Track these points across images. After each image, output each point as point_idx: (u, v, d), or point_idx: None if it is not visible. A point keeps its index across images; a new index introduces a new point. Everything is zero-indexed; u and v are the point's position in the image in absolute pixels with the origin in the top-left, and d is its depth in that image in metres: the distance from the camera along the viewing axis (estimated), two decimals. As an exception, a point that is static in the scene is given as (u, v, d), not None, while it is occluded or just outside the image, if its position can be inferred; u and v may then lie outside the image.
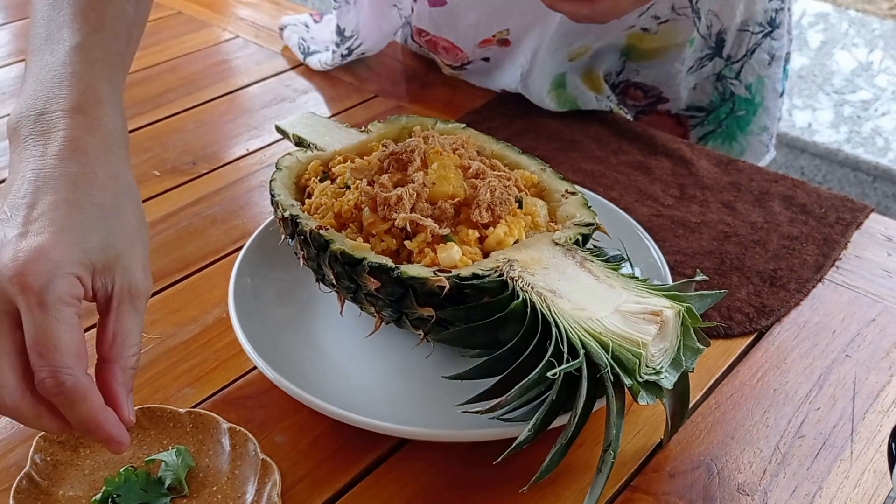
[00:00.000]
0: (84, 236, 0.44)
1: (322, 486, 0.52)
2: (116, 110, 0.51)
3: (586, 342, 0.47)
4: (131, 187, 0.49)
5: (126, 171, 0.49)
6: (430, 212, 0.55)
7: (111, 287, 0.46)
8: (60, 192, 0.45)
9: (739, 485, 0.52)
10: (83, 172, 0.46)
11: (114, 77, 0.52)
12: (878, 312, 0.65)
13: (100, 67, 0.51)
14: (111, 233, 0.46)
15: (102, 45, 0.52)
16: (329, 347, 0.59)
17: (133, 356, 0.46)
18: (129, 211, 0.48)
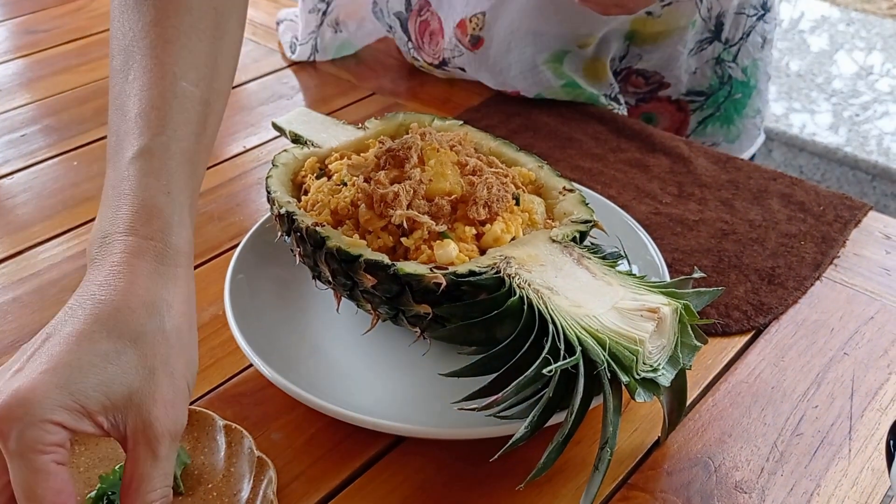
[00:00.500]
0: (79, 375, 0.41)
1: (318, 483, 0.51)
2: (172, 224, 0.47)
3: (583, 339, 0.47)
4: (170, 311, 0.45)
5: (169, 294, 0.45)
6: (427, 209, 0.55)
7: (123, 427, 0.42)
8: (78, 324, 0.42)
9: (737, 483, 0.51)
10: (113, 301, 0.43)
11: (174, 184, 0.48)
12: (877, 310, 0.64)
13: (156, 178, 0.48)
14: (122, 370, 0.42)
15: (162, 150, 0.49)
16: (325, 345, 0.59)
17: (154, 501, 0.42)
18: (156, 341, 0.43)
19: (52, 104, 0.92)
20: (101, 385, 0.41)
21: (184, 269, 0.47)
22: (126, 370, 0.42)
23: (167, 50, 0.51)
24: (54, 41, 1.04)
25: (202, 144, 0.52)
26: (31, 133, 0.87)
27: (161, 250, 0.46)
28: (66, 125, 0.88)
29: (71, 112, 0.90)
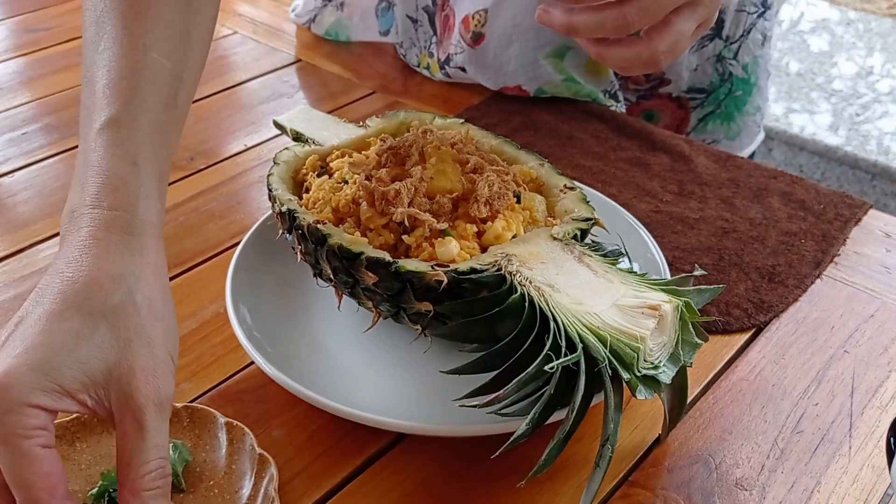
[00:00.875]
0: (54, 355, 0.40)
1: (319, 480, 0.51)
2: (140, 195, 0.47)
3: (584, 336, 0.47)
4: (139, 282, 0.44)
5: (138, 265, 0.45)
6: (428, 206, 0.55)
7: (108, 402, 0.42)
8: (48, 305, 0.42)
9: (738, 480, 0.52)
10: (81, 278, 0.43)
11: (141, 155, 0.48)
12: (877, 308, 0.64)
13: (122, 149, 0.47)
14: (95, 346, 0.41)
15: (129, 121, 0.48)
16: (327, 342, 0.59)
17: (145, 476, 0.41)
18: (127, 313, 0.43)
19: (53, 102, 0.92)
20: (77, 363, 0.41)
21: (152, 238, 0.47)
22: (100, 345, 0.42)
23: (138, 21, 0.50)
24: (55, 39, 1.05)
25: (172, 117, 0.51)
26: (31, 131, 0.87)
27: (127, 221, 0.46)
28: (66, 123, 0.88)
29: (71, 110, 0.90)
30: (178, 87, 0.52)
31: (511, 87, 0.88)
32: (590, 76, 0.89)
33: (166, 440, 0.43)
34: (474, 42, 0.87)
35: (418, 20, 0.93)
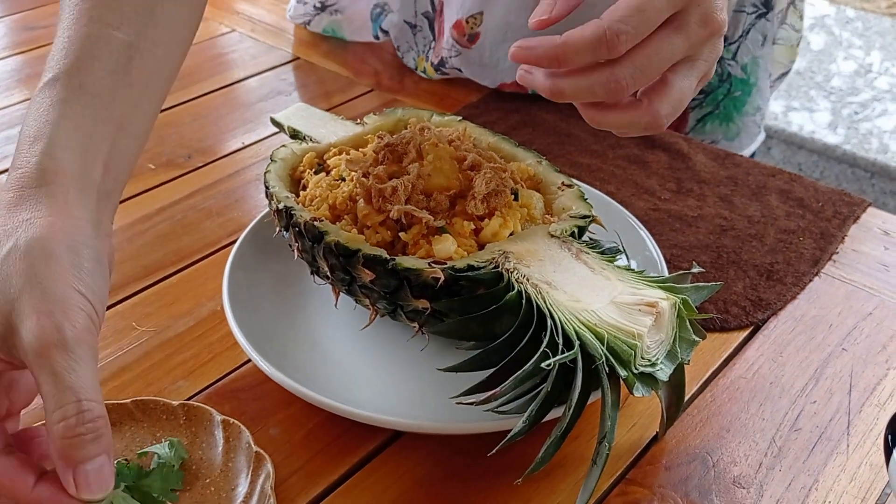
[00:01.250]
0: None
1: (316, 478, 0.51)
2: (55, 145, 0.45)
3: (581, 333, 0.47)
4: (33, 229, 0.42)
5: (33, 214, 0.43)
6: (426, 203, 0.55)
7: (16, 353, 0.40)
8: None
9: (735, 478, 0.51)
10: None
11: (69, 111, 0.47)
12: (875, 306, 0.64)
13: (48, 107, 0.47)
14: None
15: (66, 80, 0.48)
16: (324, 340, 0.59)
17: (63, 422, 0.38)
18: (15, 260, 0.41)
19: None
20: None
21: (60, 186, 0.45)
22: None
23: None
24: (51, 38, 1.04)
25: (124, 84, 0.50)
26: (29, 129, 0.87)
27: (30, 175, 0.44)
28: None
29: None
30: (130, 56, 0.51)
31: (509, 84, 0.88)
32: None
33: (89, 381, 0.39)
34: (470, 42, 0.86)
35: (417, 25, 0.93)
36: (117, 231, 0.71)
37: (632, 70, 0.46)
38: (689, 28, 0.47)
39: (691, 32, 0.47)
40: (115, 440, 0.52)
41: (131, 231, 0.71)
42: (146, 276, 0.66)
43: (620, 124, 0.50)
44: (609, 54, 0.46)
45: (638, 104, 0.49)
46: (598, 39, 0.45)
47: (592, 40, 0.45)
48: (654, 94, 0.48)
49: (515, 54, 0.47)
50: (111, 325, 0.62)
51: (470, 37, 0.86)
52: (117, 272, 0.66)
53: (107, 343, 0.60)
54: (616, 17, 0.45)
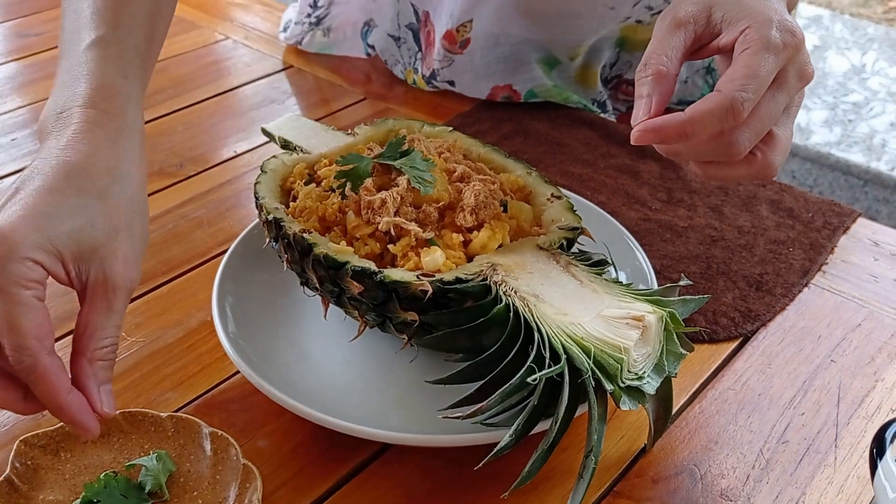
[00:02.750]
0: (54, 222, 0.44)
1: (304, 491, 0.51)
2: (129, 103, 0.51)
3: (568, 347, 0.47)
4: (130, 179, 0.49)
5: (128, 163, 0.49)
6: (415, 215, 0.55)
7: (86, 277, 0.46)
8: (48, 179, 0.46)
9: (723, 490, 0.52)
10: (78, 162, 0.47)
11: (129, 71, 0.53)
12: (864, 317, 0.65)
13: (114, 63, 0.52)
14: (90, 223, 0.46)
15: (118, 41, 0.53)
16: (313, 351, 0.59)
17: (104, 349, 0.46)
18: (120, 203, 0.48)
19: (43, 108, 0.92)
20: (73, 233, 0.45)
21: (139, 145, 0.51)
22: (94, 224, 0.46)
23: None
24: (46, 45, 1.04)
25: (150, 50, 0.57)
26: (21, 137, 0.87)
27: (120, 125, 0.50)
28: (56, 129, 0.88)
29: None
30: (154, 24, 0.57)
31: (502, 87, 0.88)
32: (578, 86, 0.89)
33: (122, 321, 0.47)
34: (462, 48, 0.87)
35: (401, 38, 0.93)
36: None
37: (748, 134, 0.49)
38: (789, 84, 0.50)
39: (791, 87, 0.50)
40: (104, 452, 0.52)
41: (122, 240, 0.71)
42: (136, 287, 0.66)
43: (737, 178, 0.53)
44: (735, 122, 0.48)
45: (753, 159, 0.51)
46: (725, 111, 0.47)
47: (720, 112, 0.47)
48: (766, 149, 0.51)
49: (641, 138, 0.49)
50: (101, 335, 0.62)
51: (461, 43, 0.86)
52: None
53: (96, 354, 0.60)
54: (737, 87, 0.48)
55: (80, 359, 0.46)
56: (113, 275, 0.46)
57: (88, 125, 0.49)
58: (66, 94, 0.50)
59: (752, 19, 0.49)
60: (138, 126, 0.52)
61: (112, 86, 0.51)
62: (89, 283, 0.46)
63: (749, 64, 0.48)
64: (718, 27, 0.51)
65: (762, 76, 0.48)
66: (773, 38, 0.48)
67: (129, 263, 0.47)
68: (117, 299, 0.46)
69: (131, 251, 0.47)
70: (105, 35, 0.53)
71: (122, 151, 0.49)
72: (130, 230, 0.48)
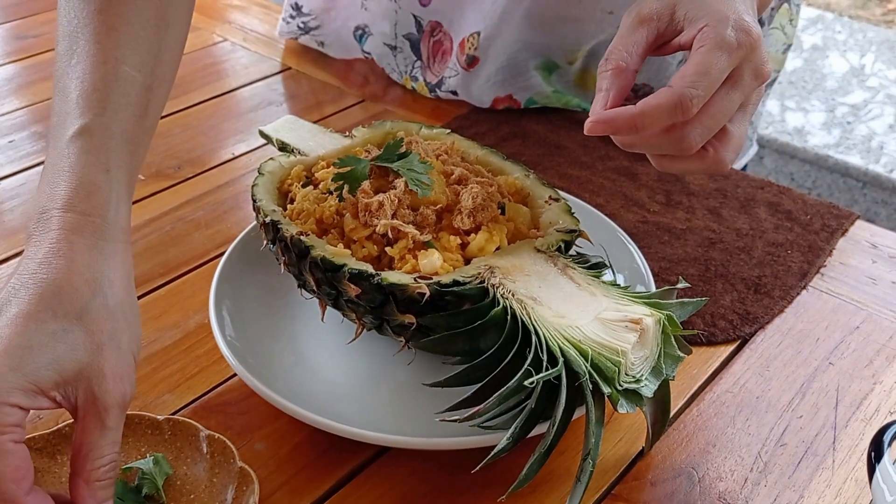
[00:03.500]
0: (31, 355, 0.43)
1: (301, 493, 0.51)
2: (111, 200, 0.49)
3: (566, 350, 0.47)
4: (111, 287, 0.46)
5: (108, 270, 0.47)
6: (412, 218, 0.55)
7: (74, 399, 0.44)
8: (23, 304, 0.44)
9: (721, 493, 0.51)
10: (54, 280, 0.45)
11: (113, 162, 0.50)
12: (862, 320, 0.64)
13: (96, 156, 0.49)
14: (70, 348, 0.44)
15: (102, 130, 0.50)
16: (310, 354, 0.59)
17: (101, 468, 0.44)
18: (101, 318, 0.45)
19: (41, 110, 0.92)
20: (53, 363, 0.43)
21: (122, 244, 0.49)
22: (75, 347, 0.44)
23: (111, 36, 0.52)
24: (44, 46, 1.04)
25: (143, 128, 0.53)
26: (19, 139, 0.87)
27: (99, 226, 0.48)
28: (54, 131, 0.88)
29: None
30: (148, 99, 0.54)
31: (503, 98, 0.88)
32: (577, 90, 0.89)
33: (120, 436, 0.46)
34: (469, 65, 0.87)
35: (398, 47, 0.93)
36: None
37: (700, 129, 0.50)
38: (743, 82, 0.50)
39: (745, 85, 0.51)
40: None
41: (120, 243, 0.71)
42: (134, 289, 0.66)
43: (689, 171, 0.54)
44: (684, 117, 0.49)
45: (705, 154, 0.52)
46: (674, 106, 0.48)
47: (668, 107, 0.48)
48: (718, 145, 0.52)
49: (593, 129, 0.50)
50: (98, 337, 0.62)
51: (468, 59, 0.86)
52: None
53: (93, 356, 0.60)
54: (687, 83, 0.48)
55: (77, 480, 0.44)
56: (102, 393, 0.44)
57: (65, 233, 0.46)
58: (48, 192, 0.48)
59: (711, 17, 0.50)
60: (122, 224, 0.49)
61: (92, 183, 0.48)
62: (79, 405, 0.44)
63: (701, 62, 0.49)
64: (681, 24, 0.52)
65: (713, 74, 0.48)
66: (727, 36, 0.49)
67: (118, 378, 0.45)
68: (110, 417, 0.44)
69: (119, 364, 0.45)
70: (89, 124, 0.50)
71: (102, 258, 0.47)
72: (117, 343, 0.45)
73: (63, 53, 0.53)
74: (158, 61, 0.55)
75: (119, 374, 0.45)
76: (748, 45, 0.49)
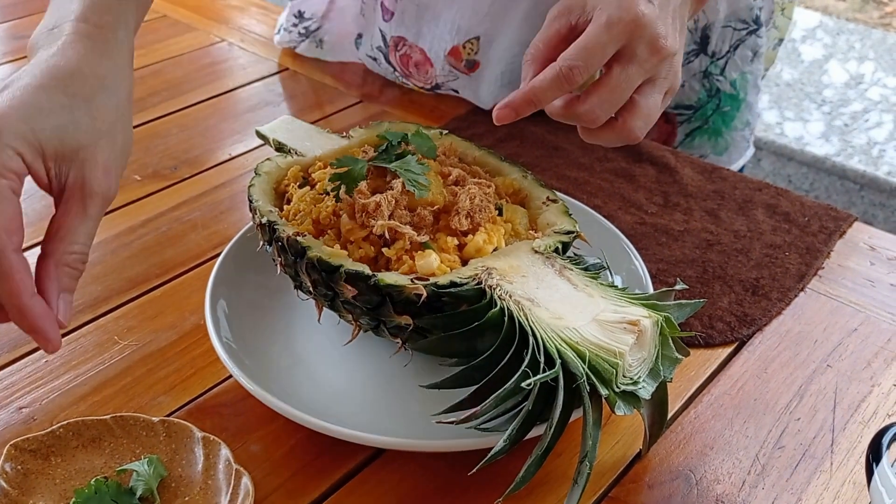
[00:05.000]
0: (40, 117, 0.45)
1: (296, 496, 0.51)
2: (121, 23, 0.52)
3: (563, 351, 0.47)
4: (117, 89, 0.49)
5: (115, 74, 0.50)
6: (409, 219, 0.55)
7: (64, 179, 0.46)
8: (36, 78, 0.47)
9: (718, 496, 0.51)
10: (67, 66, 0.48)
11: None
12: (861, 322, 0.64)
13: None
14: (75, 123, 0.46)
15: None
16: (306, 355, 0.59)
17: (72, 254, 0.45)
18: (105, 109, 0.48)
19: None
20: (58, 130, 0.45)
21: (127, 60, 0.52)
22: (78, 125, 0.46)
23: None
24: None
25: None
26: (15, 139, 0.86)
27: (110, 39, 0.51)
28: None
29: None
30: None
31: None
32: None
33: (95, 231, 0.47)
34: (469, 69, 0.86)
35: (376, 58, 0.93)
36: (101, 243, 0.70)
37: (599, 102, 0.55)
38: (638, 58, 0.55)
39: (642, 60, 0.55)
40: (94, 456, 0.52)
41: (115, 243, 0.71)
42: (130, 289, 0.66)
43: (605, 140, 0.59)
44: (570, 86, 0.54)
45: (615, 123, 0.57)
46: (557, 77, 0.54)
47: (552, 79, 0.54)
48: (626, 114, 0.57)
49: (501, 116, 0.55)
50: (93, 337, 0.61)
51: (468, 63, 0.86)
52: (100, 284, 0.66)
53: (88, 357, 0.60)
54: (566, 56, 0.54)
55: (47, 261, 0.45)
56: (91, 179, 0.46)
57: (79, 36, 0.49)
58: (58, 12, 0.51)
59: (605, 3, 0.54)
60: (128, 45, 0.53)
61: (104, 3, 0.52)
62: (67, 186, 0.46)
63: (581, 40, 0.54)
64: (591, 15, 0.56)
65: (592, 48, 0.53)
66: (610, 16, 0.54)
67: (108, 171, 0.47)
68: (93, 204, 0.46)
69: (112, 159, 0.48)
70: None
71: (110, 63, 0.50)
72: (113, 138, 0.48)
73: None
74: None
75: (109, 167, 0.47)
76: (630, 21, 0.53)
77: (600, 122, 0.56)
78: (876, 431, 0.47)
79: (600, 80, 0.55)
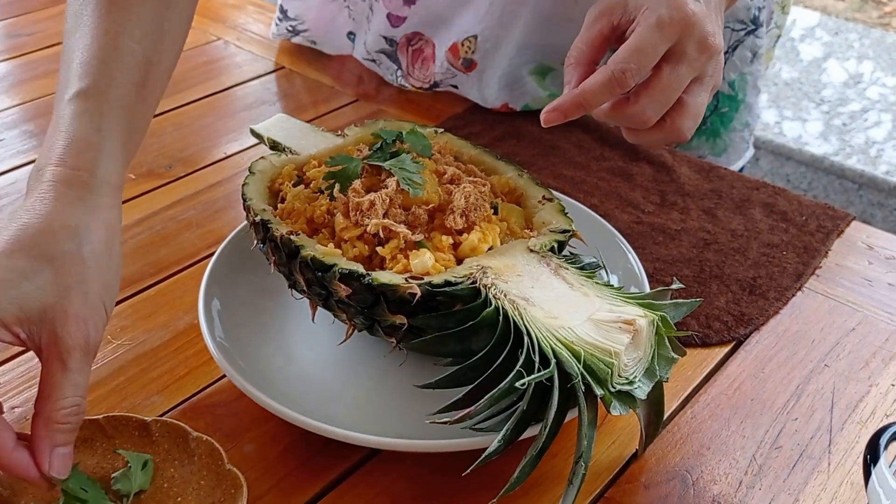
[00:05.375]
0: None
1: (291, 496, 0.51)
2: (101, 157, 0.51)
3: (558, 351, 0.47)
4: (89, 235, 0.48)
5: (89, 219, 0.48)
6: (404, 217, 0.55)
7: (38, 339, 0.45)
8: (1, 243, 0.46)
9: (715, 496, 0.51)
10: (33, 223, 0.47)
11: (106, 124, 0.52)
12: (858, 322, 0.64)
13: (89, 116, 0.51)
14: (36, 286, 0.45)
15: (98, 93, 0.52)
16: (301, 355, 0.58)
17: (61, 410, 0.45)
18: (73, 261, 0.46)
19: (32, 108, 0.91)
20: (16, 299, 0.45)
21: (109, 199, 0.51)
22: (41, 287, 0.45)
23: (112, 11, 0.55)
24: (38, 45, 1.04)
25: (141, 97, 0.55)
26: (9, 137, 0.86)
27: (87, 181, 0.49)
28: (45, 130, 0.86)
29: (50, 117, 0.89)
30: (148, 71, 0.56)
31: (499, 107, 0.88)
32: None
33: (86, 382, 0.46)
34: (466, 68, 0.86)
35: (376, 60, 0.93)
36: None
37: (651, 103, 0.55)
38: (688, 57, 0.55)
39: (692, 59, 0.55)
40: (86, 457, 0.51)
41: (110, 242, 0.70)
42: (123, 288, 0.66)
43: (653, 141, 0.59)
44: (623, 89, 0.54)
45: (663, 124, 0.57)
46: (609, 80, 0.53)
47: (604, 82, 0.54)
48: (675, 115, 0.56)
49: (549, 119, 0.55)
50: (86, 338, 0.61)
51: (465, 62, 0.86)
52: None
53: (81, 357, 0.59)
54: (618, 59, 0.54)
55: (37, 421, 0.45)
56: (64, 335, 0.45)
57: (55, 184, 0.48)
58: (45, 151, 0.51)
59: (652, 3, 0.54)
60: (112, 180, 0.51)
61: (83, 140, 0.50)
62: (43, 345, 0.45)
63: (633, 40, 0.54)
64: (633, 14, 0.55)
65: (644, 49, 0.53)
66: (660, 15, 0.53)
67: (81, 321, 0.46)
68: (72, 359, 0.45)
69: (85, 308, 0.46)
70: (86, 87, 0.52)
71: (85, 208, 0.48)
72: (85, 288, 0.46)
73: (69, 31, 0.56)
74: (160, 37, 0.57)
75: (83, 317, 0.46)
76: (681, 20, 0.53)
77: (651, 123, 0.55)
78: (874, 432, 0.47)
79: (650, 81, 0.55)
